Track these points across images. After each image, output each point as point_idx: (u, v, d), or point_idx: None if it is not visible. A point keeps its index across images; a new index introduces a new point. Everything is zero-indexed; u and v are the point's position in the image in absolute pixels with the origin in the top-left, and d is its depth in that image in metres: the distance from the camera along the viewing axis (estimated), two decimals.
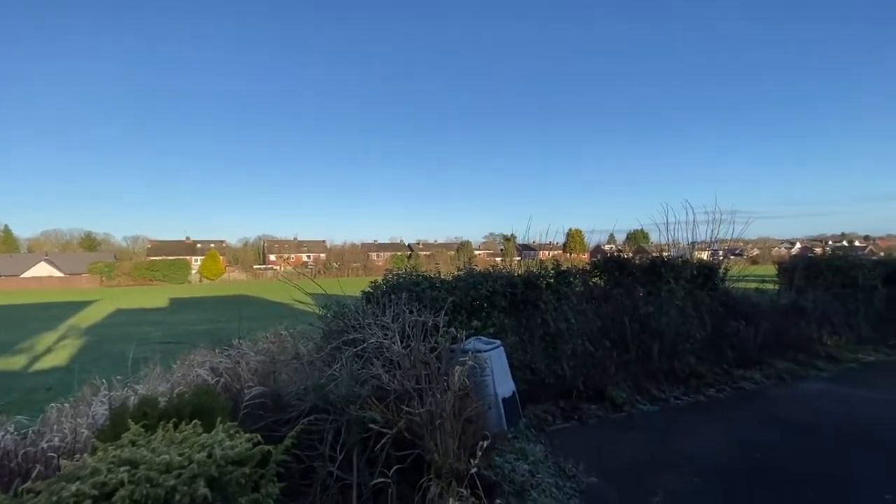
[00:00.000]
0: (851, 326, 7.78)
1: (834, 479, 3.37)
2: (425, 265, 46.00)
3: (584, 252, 46.64)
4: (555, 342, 5.52)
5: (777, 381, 6.00)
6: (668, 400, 5.23)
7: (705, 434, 4.30)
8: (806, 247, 69.28)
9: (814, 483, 3.31)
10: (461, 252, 60.46)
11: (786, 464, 3.65)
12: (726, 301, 7.03)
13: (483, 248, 79.62)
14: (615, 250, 11.00)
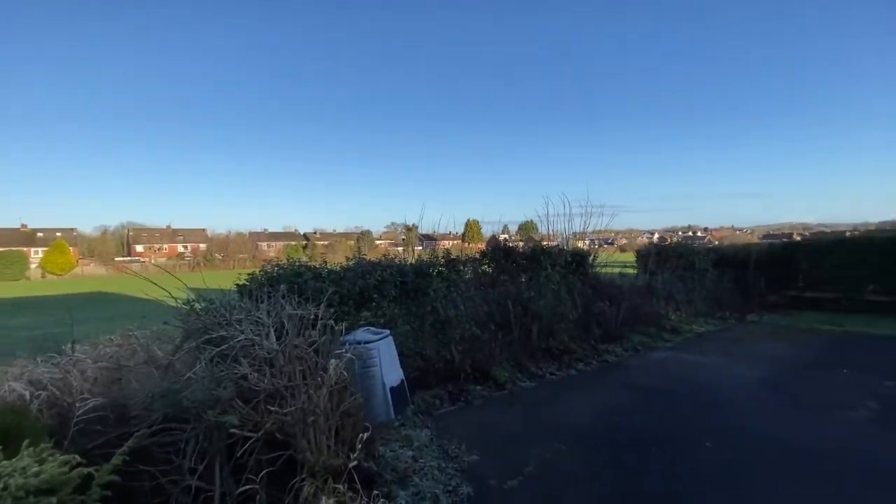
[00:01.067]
0: (690, 302, 9.29)
1: (669, 433, 3.98)
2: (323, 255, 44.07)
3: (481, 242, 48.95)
4: (444, 328, 5.66)
5: (633, 352, 6.90)
6: (544, 376, 5.70)
7: (573, 404, 4.77)
8: (662, 236, 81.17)
9: (654, 438, 3.87)
10: (362, 241, 59.22)
11: (635, 422, 4.22)
12: (595, 284, 7.87)
13: (385, 237, 78.84)
14: (507, 240, 11.62)
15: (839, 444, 3.64)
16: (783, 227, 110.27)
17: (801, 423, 4.11)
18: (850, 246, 10.29)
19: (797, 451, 3.53)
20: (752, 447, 3.64)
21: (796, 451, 3.54)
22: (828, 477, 3.14)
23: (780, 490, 2.98)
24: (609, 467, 3.38)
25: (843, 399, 4.65)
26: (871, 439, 3.73)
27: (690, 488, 3.04)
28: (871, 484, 3.05)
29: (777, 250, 11.44)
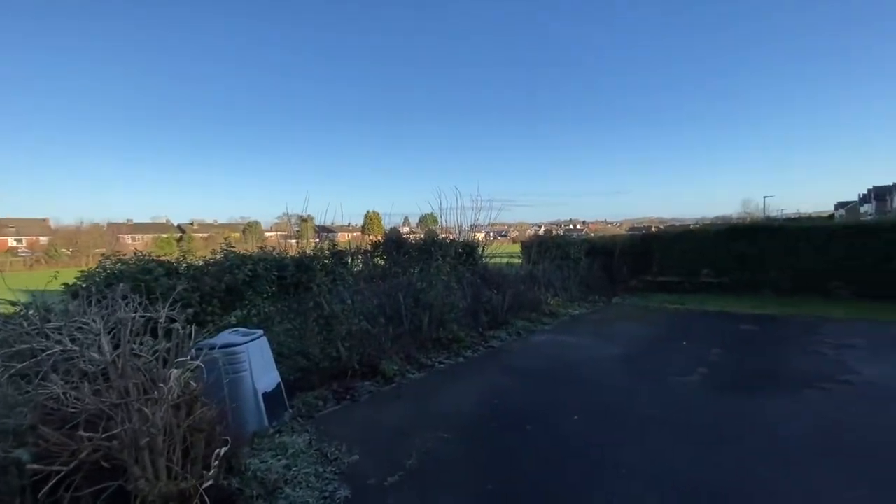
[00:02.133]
0: (566, 289, 10.17)
1: (544, 411, 4.26)
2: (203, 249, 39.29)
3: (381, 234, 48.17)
4: (330, 324, 5.38)
5: (517, 336, 7.33)
6: (433, 366, 5.74)
7: (459, 391, 4.88)
8: (547, 229, 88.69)
9: (531, 416, 4.10)
10: (249, 234, 54.42)
11: (515, 404, 4.44)
12: (484, 274, 8.18)
13: (276, 228, 73.32)
14: (410, 232, 11.51)
15: (678, 406, 4.23)
16: (644, 220, 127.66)
17: (650, 392, 4.69)
18: (690, 237, 12.19)
19: (647, 417, 4.01)
20: (612, 417, 4.05)
21: (647, 417, 4.03)
22: (669, 436, 3.61)
23: (635, 451, 3.34)
24: (488, 450, 3.49)
25: (682, 367, 5.43)
26: (700, 399, 4.40)
27: (559, 461, 3.27)
28: (692, 439, 3.57)
29: (637, 241, 13.10)
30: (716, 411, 4.08)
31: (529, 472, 3.13)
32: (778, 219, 17.06)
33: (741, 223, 12.37)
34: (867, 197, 61.49)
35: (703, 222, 25.78)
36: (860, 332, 6.86)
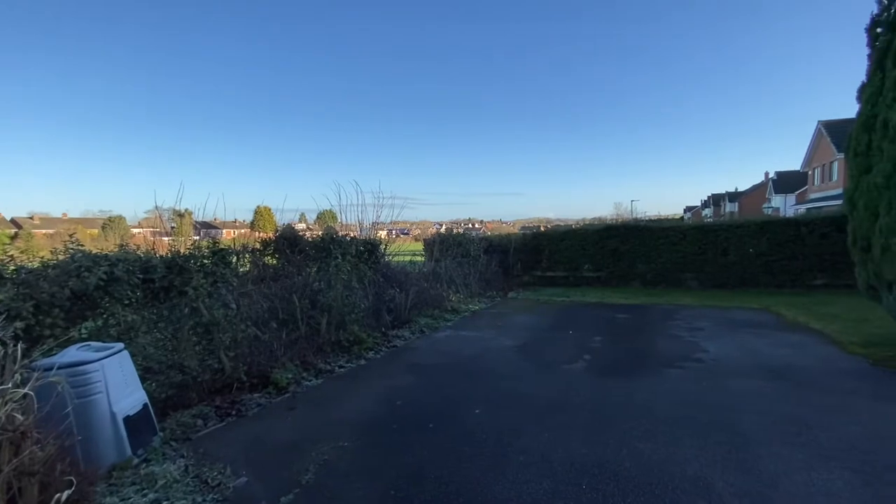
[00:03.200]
0: (467, 285, 10.47)
1: (447, 407, 4.27)
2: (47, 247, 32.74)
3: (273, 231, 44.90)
4: (210, 332, 4.79)
5: (420, 334, 7.32)
6: (333, 370, 5.45)
7: (361, 395, 4.68)
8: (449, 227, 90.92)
9: (434, 414, 4.09)
10: (110, 230, 46.81)
11: (418, 402, 4.39)
12: (386, 273, 8.02)
13: (145, 224, 64.08)
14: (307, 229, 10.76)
15: (569, 392, 4.55)
16: (534, 220, 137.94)
17: (544, 380, 4.99)
18: (573, 235, 13.38)
19: (543, 404, 4.24)
20: (511, 406, 4.21)
21: (542, 404, 4.26)
22: (562, 420, 3.86)
23: (533, 437, 3.49)
24: (391, 453, 3.38)
25: (569, 355, 5.89)
26: (587, 384, 4.80)
27: (463, 456, 3.28)
28: (582, 421, 3.87)
29: (529, 239, 14.01)
30: (600, 394, 4.47)
31: (434, 470, 3.09)
32: (643, 220, 19.58)
33: (614, 223, 13.92)
34: (707, 203, 73.89)
35: (583, 222, 28.60)
36: (707, 316, 8.13)
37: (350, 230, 9.10)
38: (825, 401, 4.04)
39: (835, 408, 3.86)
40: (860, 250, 5.22)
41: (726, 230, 11.39)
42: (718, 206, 67.16)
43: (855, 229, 5.30)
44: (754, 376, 4.78)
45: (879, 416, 3.66)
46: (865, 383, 4.42)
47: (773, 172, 50.54)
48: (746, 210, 56.12)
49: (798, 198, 41.50)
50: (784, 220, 11.08)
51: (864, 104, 5.24)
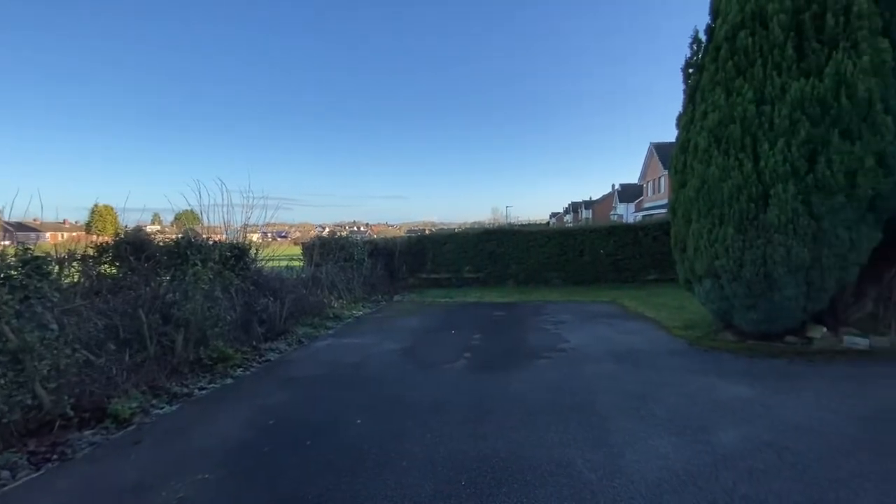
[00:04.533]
0: (350, 290, 10.16)
1: (326, 420, 4.05)
2: None
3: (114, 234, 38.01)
4: (20, 361, 3.83)
5: (298, 345, 6.86)
6: (191, 394, 4.78)
7: (226, 419, 4.18)
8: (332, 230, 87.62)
9: (312, 429, 3.83)
10: None
11: (294, 419, 4.07)
12: (258, 279, 7.35)
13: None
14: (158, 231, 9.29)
15: (450, 390, 4.66)
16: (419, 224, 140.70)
17: (426, 381, 5.05)
18: (456, 238, 13.94)
19: (425, 406, 4.27)
20: (394, 411, 4.15)
21: (424, 405, 4.28)
22: (444, 419, 3.92)
23: (415, 441, 3.47)
24: (261, 480, 3.07)
25: (451, 354, 6.07)
26: (467, 381, 4.98)
27: (343, 470, 3.12)
28: (463, 418, 4.00)
29: (413, 242, 14.19)
30: (480, 389, 4.67)
31: (312, 490, 2.88)
32: (516, 225, 21.23)
33: (491, 228, 14.87)
34: (568, 210, 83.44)
35: (465, 226, 30.09)
36: (569, 310, 9.11)
37: (215, 233, 8.14)
38: (658, 377, 4.79)
39: (665, 382, 4.60)
40: (679, 250, 6.36)
41: (582, 234, 12.97)
42: (577, 212, 76.28)
43: (675, 233, 6.44)
44: (606, 361, 5.47)
45: (694, 386, 4.46)
46: (685, 360, 5.37)
47: (618, 184, 59.22)
48: (598, 216, 64.70)
49: (637, 206, 49.18)
50: (626, 226, 13.04)
51: (681, 130, 6.39)
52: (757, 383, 4.41)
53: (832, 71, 4.80)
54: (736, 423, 3.55)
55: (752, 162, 5.14)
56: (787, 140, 4.93)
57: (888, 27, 4.90)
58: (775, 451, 3.07)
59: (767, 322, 5.41)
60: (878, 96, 4.70)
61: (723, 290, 5.51)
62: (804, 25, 5.09)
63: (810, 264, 4.92)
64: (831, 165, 4.74)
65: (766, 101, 5.15)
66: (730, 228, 5.23)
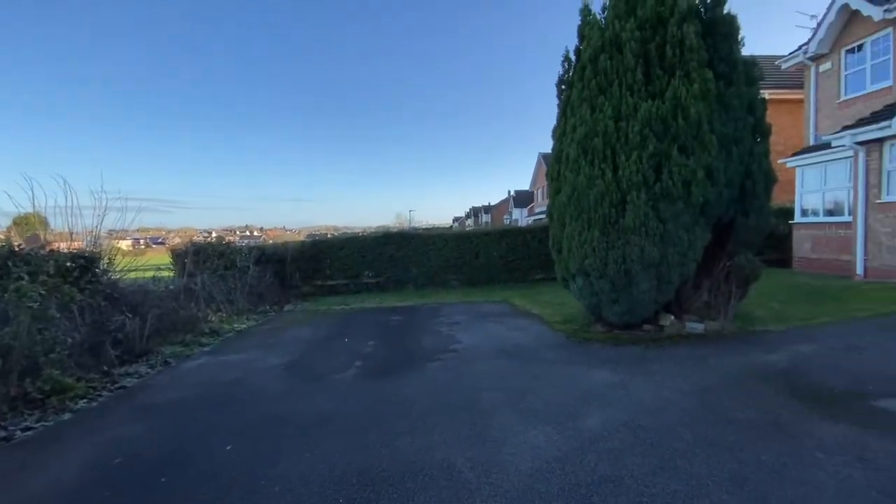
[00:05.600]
0: (232, 301, 9.26)
1: (190, 451, 3.58)
2: None
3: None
4: None
5: (163, 366, 6.03)
6: (10, 437, 3.90)
7: (57, 462, 3.48)
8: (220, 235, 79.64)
9: (169, 463, 3.35)
10: None
11: (148, 453, 3.53)
12: (111, 294, 6.33)
13: None
14: None
15: (336, 402, 4.44)
16: (321, 228, 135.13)
17: (312, 395, 4.76)
18: (355, 243, 13.57)
19: (307, 421, 4.00)
20: (270, 432, 3.82)
21: (306, 421, 4.01)
22: (326, 434, 3.71)
23: (291, 461, 3.22)
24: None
25: (342, 364, 5.83)
26: (356, 391, 4.80)
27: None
28: (348, 429, 3.83)
29: (308, 247, 13.48)
30: (370, 398, 4.53)
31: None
32: (420, 229, 21.41)
33: (390, 232, 14.77)
34: (469, 214, 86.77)
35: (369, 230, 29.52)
36: (464, 311, 9.37)
37: (63, 239, 6.82)
38: (539, 371, 5.11)
39: (544, 375, 4.92)
40: (556, 251, 6.90)
41: (478, 237, 13.50)
42: (477, 217, 79.61)
43: (553, 235, 6.97)
44: (494, 358, 5.70)
45: (568, 378, 4.83)
46: (562, 353, 5.81)
47: (513, 191, 63.17)
48: (496, 220, 68.19)
49: (529, 211, 52.86)
50: (517, 229, 13.87)
51: (556, 141, 6.95)
52: (619, 369, 4.92)
53: (671, 95, 5.60)
54: (601, 408, 3.91)
55: (612, 172, 5.76)
56: (639, 153, 5.62)
57: (712, 60, 5.86)
58: (631, 430, 3.43)
59: (629, 313, 6.10)
60: (705, 118, 5.59)
61: (592, 286, 6.09)
62: (650, 54, 5.87)
63: (659, 261, 5.65)
64: (672, 176, 5.51)
65: (623, 118, 5.82)
66: (596, 231, 5.80)
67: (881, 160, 9.19)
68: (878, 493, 2.40)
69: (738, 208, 6.05)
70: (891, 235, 8.98)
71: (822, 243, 11.27)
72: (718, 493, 2.54)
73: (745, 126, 5.93)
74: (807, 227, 11.80)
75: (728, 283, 6.29)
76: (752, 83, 6.07)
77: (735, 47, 5.98)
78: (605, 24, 6.28)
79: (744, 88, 5.94)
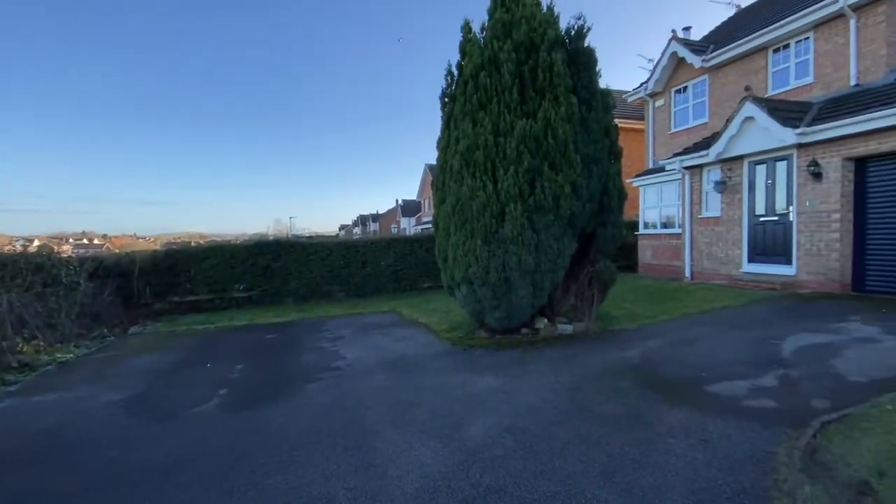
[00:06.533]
0: (54, 326, 7.48)
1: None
2: None
3: None
4: None
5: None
6: None
7: None
8: (44, 244, 64.89)
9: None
10: None
11: None
12: None
13: None
14: None
15: (191, 443, 3.76)
16: (184, 235, 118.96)
17: (159, 436, 3.98)
18: (221, 252, 12.07)
19: (155, 469, 3.30)
20: (105, 492, 3.05)
21: (155, 468, 3.31)
22: (172, 482, 3.08)
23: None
24: None
25: (202, 394, 5.03)
26: (219, 425, 4.14)
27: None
28: (202, 472, 3.26)
29: (161, 258, 11.61)
30: (234, 433, 3.93)
31: None
32: (302, 237, 20.10)
33: (265, 240, 13.54)
34: (357, 222, 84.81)
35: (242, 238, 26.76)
36: (349, 324, 8.93)
37: None
38: (425, 381, 5.01)
39: (430, 386, 4.84)
40: (442, 260, 6.96)
41: (364, 246, 13.11)
42: (365, 225, 78.29)
43: (438, 244, 7.03)
44: (380, 372, 5.46)
45: (454, 386, 4.82)
46: (448, 361, 5.82)
47: (401, 200, 63.53)
48: (384, 229, 67.83)
49: (417, 220, 53.67)
50: (404, 238, 13.82)
51: (441, 153, 7.05)
52: (501, 373, 5.08)
53: (542, 115, 6.06)
54: (484, 415, 3.94)
55: (492, 184, 6.01)
56: (516, 168, 5.95)
57: (576, 87, 6.51)
58: (512, 435, 3.50)
59: (508, 318, 6.38)
60: (571, 139, 6.15)
61: (475, 293, 6.25)
62: (525, 76, 6.29)
63: (534, 269, 6.03)
64: (544, 190, 5.94)
65: (502, 134, 6.12)
66: (478, 241, 5.97)
67: (701, 182, 11.24)
68: (717, 470, 2.77)
69: (598, 221, 6.77)
70: (709, 244, 11.01)
71: (660, 251, 13.36)
72: (592, 488, 2.68)
73: (603, 148, 6.69)
74: (648, 238, 13.89)
75: (591, 287, 6.99)
76: (608, 110, 6.89)
77: (594, 77, 6.73)
78: (484, 43, 6.57)
79: (602, 114, 6.71)
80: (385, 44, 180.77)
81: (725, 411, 3.63)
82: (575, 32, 6.71)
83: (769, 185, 9.62)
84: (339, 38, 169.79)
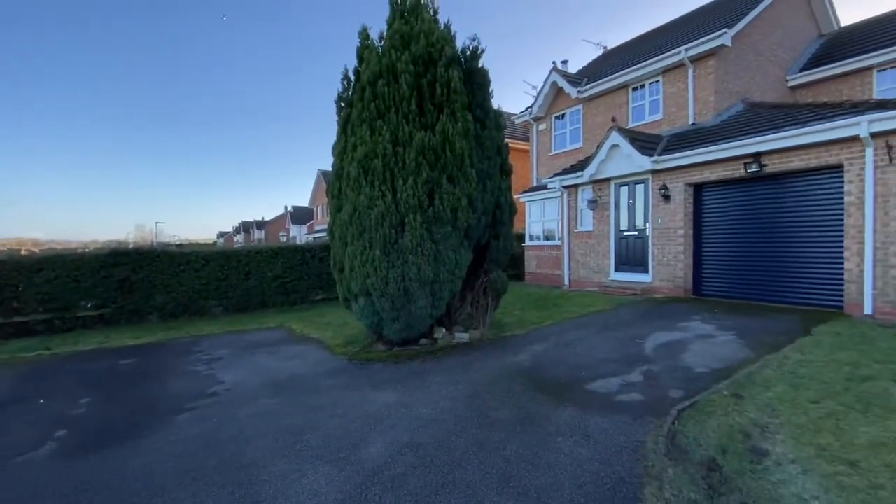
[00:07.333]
0: None
1: None
2: None
3: None
4: None
5: None
6: None
7: None
8: None
9: None
10: None
11: None
12: None
13: None
14: None
15: (20, 499, 2.98)
16: (10, 241, 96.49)
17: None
18: (63, 264, 10.02)
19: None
20: None
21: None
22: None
23: None
24: None
25: (31, 439, 4.05)
26: (51, 477, 3.35)
27: None
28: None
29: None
30: (75, 485, 3.20)
31: None
32: (172, 245, 17.65)
33: (122, 248, 11.63)
34: (239, 229, 77.67)
35: (96, 245, 22.61)
36: (228, 343, 8.02)
37: None
38: (316, 402, 4.68)
39: (322, 407, 4.52)
40: (338, 271, 6.65)
41: (247, 255, 11.99)
42: (249, 232, 72.10)
43: (334, 254, 6.71)
44: (264, 396, 4.95)
45: (350, 405, 4.58)
46: (343, 378, 5.53)
47: (291, 206, 59.87)
48: (272, 237, 63.27)
49: (309, 228, 51.00)
50: (293, 247, 12.95)
51: (337, 159, 6.77)
52: (399, 387, 4.97)
53: (441, 129, 6.18)
54: (383, 432, 3.79)
55: (392, 194, 5.93)
56: (415, 178, 5.97)
57: (471, 105, 6.78)
58: (413, 450, 3.41)
59: (407, 330, 6.32)
60: (467, 154, 6.37)
61: (374, 305, 6.07)
62: (423, 89, 6.37)
63: (434, 279, 6.07)
64: (443, 202, 6.05)
65: (400, 144, 6.09)
66: (377, 251, 5.83)
67: (577, 200, 12.52)
68: (598, 463, 3.01)
69: (492, 233, 7.10)
70: (584, 255, 12.27)
71: (544, 261, 14.53)
72: (492, 495, 2.71)
73: (496, 164, 7.06)
74: (533, 249, 15.03)
75: (486, 296, 7.28)
76: (500, 129, 7.31)
77: (488, 97, 7.09)
78: (382, 51, 6.52)
79: (494, 133, 7.09)
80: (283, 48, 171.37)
81: (602, 407, 4.01)
82: (470, 53, 7.02)
83: (631, 204, 11.10)
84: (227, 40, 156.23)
